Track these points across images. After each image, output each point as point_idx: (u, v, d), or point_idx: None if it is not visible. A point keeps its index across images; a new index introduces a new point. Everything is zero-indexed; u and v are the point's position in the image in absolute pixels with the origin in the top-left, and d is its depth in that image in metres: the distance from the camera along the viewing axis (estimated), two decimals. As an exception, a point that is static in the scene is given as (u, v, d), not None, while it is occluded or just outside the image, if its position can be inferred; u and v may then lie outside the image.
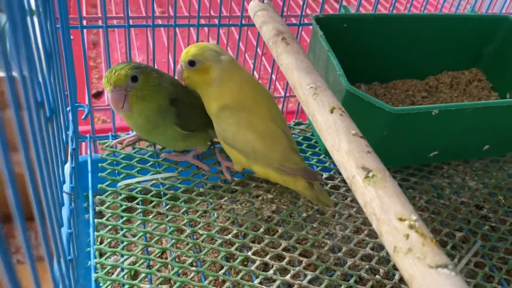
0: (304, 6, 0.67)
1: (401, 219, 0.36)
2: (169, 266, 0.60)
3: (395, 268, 0.58)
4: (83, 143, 0.79)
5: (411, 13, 0.79)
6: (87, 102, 0.67)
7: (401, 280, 0.57)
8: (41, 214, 0.32)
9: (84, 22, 0.70)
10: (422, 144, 0.64)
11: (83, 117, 0.64)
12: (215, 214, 0.60)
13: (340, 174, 0.69)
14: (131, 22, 0.64)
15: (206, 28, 0.79)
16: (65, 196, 0.51)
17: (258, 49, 0.74)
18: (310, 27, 1.05)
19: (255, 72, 0.82)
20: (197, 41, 0.67)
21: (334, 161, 0.43)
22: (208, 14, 0.74)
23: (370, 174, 0.39)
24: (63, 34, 0.53)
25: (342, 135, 0.43)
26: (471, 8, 0.77)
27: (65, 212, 0.49)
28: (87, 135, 0.68)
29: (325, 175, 0.69)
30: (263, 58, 0.91)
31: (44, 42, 0.40)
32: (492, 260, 0.61)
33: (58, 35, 0.52)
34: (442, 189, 0.70)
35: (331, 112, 0.45)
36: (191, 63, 0.57)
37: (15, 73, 0.27)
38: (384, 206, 0.37)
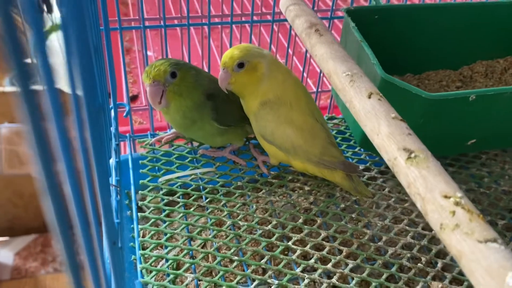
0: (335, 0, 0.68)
1: (446, 197, 0.36)
2: (210, 257, 0.61)
3: (437, 256, 0.58)
4: (122, 143, 0.81)
5: (443, 2, 0.79)
6: (125, 101, 0.69)
7: (444, 268, 0.56)
8: (94, 203, 0.33)
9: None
10: (460, 132, 0.63)
11: (124, 114, 0.66)
12: (254, 206, 0.61)
13: (376, 165, 0.69)
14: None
15: (238, 26, 0.80)
16: (111, 189, 0.53)
17: (289, 45, 0.75)
18: (339, 23, 1.05)
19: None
20: (231, 38, 0.68)
21: (374, 146, 0.44)
22: (240, 12, 0.75)
23: (413, 155, 0.40)
24: (106, 36, 0.55)
25: (381, 119, 0.43)
26: (504, -6, 0.76)
27: (112, 203, 0.51)
28: (127, 135, 0.70)
29: (361, 167, 0.69)
30: (294, 57, 0.92)
31: (92, 39, 0.41)
32: (538, 248, 0.59)
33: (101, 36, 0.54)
34: (481, 178, 0.69)
35: (369, 97, 0.46)
36: (240, 65, 0.57)
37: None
38: (428, 185, 0.37)
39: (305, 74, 0.82)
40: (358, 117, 0.46)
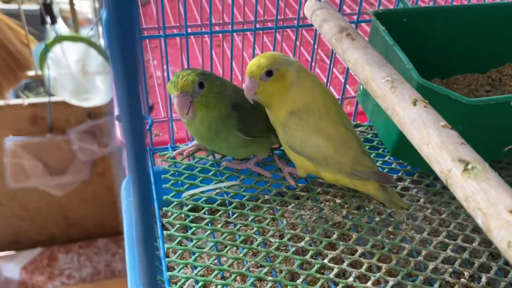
0: (361, 3, 0.65)
1: (512, 212, 0.33)
2: (238, 278, 0.58)
3: (480, 270, 0.54)
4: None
5: (471, 3, 0.76)
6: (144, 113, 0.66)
7: (488, 283, 0.53)
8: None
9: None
10: (497, 138, 0.61)
11: (147, 127, 0.63)
12: (284, 222, 0.57)
13: (408, 175, 0.66)
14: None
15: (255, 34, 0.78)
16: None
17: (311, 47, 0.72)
18: (364, 26, 1.02)
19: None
20: (254, 45, 0.65)
21: (423, 156, 0.41)
22: (262, 18, 0.72)
23: (469, 166, 0.37)
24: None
25: (430, 127, 0.40)
26: (534, -6, 0.73)
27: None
28: (147, 148, 0.67)
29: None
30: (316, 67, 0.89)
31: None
32: None
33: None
34: (517, 186, 0.66)
35: (414, 104, 0.43)
36: (269, 73, 0.54)
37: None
38: (490, 199, 0.34)
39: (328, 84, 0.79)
40: (402, 126, 0.43)
